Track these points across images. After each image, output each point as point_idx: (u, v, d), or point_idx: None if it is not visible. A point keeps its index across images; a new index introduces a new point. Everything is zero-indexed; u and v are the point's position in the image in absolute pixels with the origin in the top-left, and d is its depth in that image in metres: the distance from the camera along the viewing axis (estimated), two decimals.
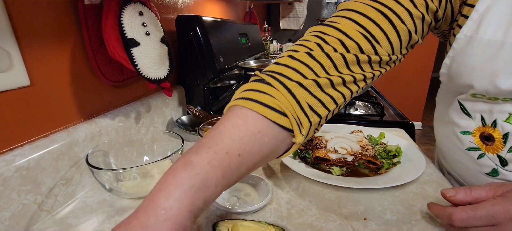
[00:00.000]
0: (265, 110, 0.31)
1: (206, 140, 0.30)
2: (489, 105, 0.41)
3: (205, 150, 0.28)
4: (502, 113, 0.40)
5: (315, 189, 0.51)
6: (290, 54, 0.36)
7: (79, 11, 0.52)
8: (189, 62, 0.86)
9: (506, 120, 0.40)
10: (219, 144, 0.29)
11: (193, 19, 0.82)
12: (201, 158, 0.28)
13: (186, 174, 0.27)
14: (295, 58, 0.35)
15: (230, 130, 0.30)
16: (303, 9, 2.29)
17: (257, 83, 0.34)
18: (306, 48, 0.36)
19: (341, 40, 0.36)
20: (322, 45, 0.35)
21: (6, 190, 0.39)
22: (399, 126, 0.80)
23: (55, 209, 0.47)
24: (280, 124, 0.31)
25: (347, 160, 0.56)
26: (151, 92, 0.78)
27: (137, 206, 0.26)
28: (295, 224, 0.43)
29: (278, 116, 0.31)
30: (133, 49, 0.54)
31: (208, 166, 0.27)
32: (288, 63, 0.35)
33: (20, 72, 0.43)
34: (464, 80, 0.41)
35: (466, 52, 0.39)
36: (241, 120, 0.31)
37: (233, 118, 0.31)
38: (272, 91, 0.32)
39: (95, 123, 0.55)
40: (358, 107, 0.95)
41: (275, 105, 0.31)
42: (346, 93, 0.36)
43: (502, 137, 0.41)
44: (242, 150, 0.29)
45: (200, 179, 0.27)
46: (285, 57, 0.36)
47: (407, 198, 0.48)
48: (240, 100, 0.32)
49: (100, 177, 0.46)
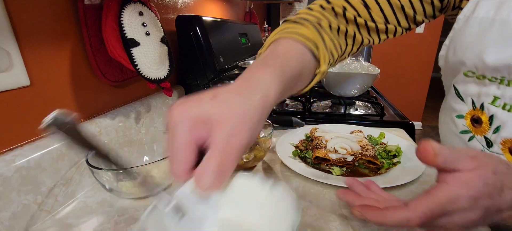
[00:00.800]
0: (305, 40, 0.38)
1: (266, 60, 0.34)
2: (478, 88, 0.44)
3: (270, 63, 0.33)
4: (487, 96, 0.43)
5: (315, 189, 0.51)
6: (307, 11, 0.45)
7: (79, 11, 0.52)
8: (189, 62, 0.86)
9: (491, 103, 0.42)
10: (278, 62, 0.34)
11: (193, 19, 0.82)
12: (273, 66, 0.32)
13: (268, 69, 0.31)
14: (313, 10, 0.45)
15: (283, 54, 0.36)
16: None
17: (293, 24, 0.42)
18: (320, 7, 0.46)
19: (344, 7, 0.46)
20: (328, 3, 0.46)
21: (6, 190, 0.39)
22: (399, 126, 0.80)
23: (55, 209, 0.47)
24: (314, 53, 0.39)
25: (347, 160, 0.56)
26: (151, 92, 0.78)
27: (137, 206, 0.26)
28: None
29: (313, 46, 0.38)
30: (133, 49, 0.54)
31: (278, 71, 0.31)
32: (310, 13, 0.44)
33: (20, 72, 0.43)
34: (458, 58, 0.44)
35: (463, 32, 0.43)
36: (286, 47, 0.37)
37: (280, 46, 0.38)
38: (305, 30, 0.40)
39: (95, 123, 0.55)
40: (358, 107, 0.95)
41: (309, 38, 0.39)
42: (349, 45, 0.47)
43: (489, 119, 0.43)
44: (290, 71, 0.34)
45: (277, 77, 0.31)
46: (304, 11, 0.45)
47: (407, 198, 0.48)
48: (285, 33, 0.39)
49: (100, 177, 0.46)
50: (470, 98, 0.45)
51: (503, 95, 0.41)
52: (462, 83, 0.46)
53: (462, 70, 0.44)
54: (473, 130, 0.46)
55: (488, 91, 0.43)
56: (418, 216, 0.28)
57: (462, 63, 0.43)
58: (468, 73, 0.44)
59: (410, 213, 0.28)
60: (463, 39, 0.43)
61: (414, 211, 0.28)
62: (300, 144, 0.68)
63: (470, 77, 0.44)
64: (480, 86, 0.43)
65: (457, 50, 0.44)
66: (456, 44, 0.44)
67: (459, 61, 0.44)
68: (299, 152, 0.63)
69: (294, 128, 0.80)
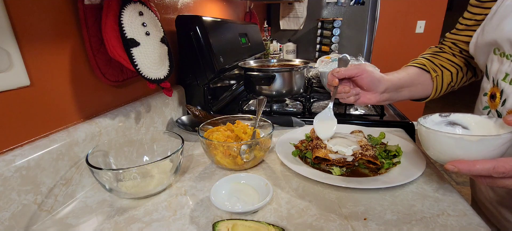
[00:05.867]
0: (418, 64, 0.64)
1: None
2: (498, 65, 0.50)
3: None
4: (501, 73, 0.49)
5: (315, 189, 0.51)
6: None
7: (79, 11, 0.52)
8: (189, 62, 0.86)
9: (503, 79, 0.49)
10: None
11: (193, 19, 0.82)
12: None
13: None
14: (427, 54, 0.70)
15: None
16: (303, 9, 2.28)
17: (419, 58, 0.68)
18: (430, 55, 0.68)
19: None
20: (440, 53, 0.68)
21: (6, 190, 0.39)
22: (399, 126, 0.80)
23: (55, 209, 0.47)
24: (423, 68, 0.64)
25: (347, 160, 0.56)
26: (151, 92, 0.78)
27: (137, 206, 0.26)
28: (295, 224, 0.43)
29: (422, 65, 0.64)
30: (133, 49, 0.54)
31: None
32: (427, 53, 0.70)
33: (20, 72, 0.43)
34: (485, 39, 0.51)
35: (492, 17, 0.50)
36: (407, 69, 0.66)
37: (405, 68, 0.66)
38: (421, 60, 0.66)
39: (95, 123, 0.55)
40: (358, 107, 0.95)
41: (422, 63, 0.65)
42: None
43: (500, 94, 0.50)
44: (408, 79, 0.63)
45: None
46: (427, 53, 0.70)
47: (407, 198, 0.48)
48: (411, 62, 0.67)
49: (100, 177, 0.46)
50: (492, 76, 0.52)
51: (511, 71, 0.47)
52: (489, 62, 0.53)
53: (491, 50, 0.51)
54: (490, 105, 0.53)
55: (502, 68, 0.49)
56: (503, 165, 0.36)
57: (489, 43, 0.50)
58: (495, 51, 0.51)
59: (497, 163, 0.36)
60: (493, 22, 0.50)
61: (500, 161, 0.36)
62: (300, 144, 0.68)
63: (496, 54, 0.50)
64: (499, 64, 0.49)
65: (485, 33, 0.51)
66: (485, 28, 0.52)
67: (487, 42, 0.51)
68: (299, 152, 0.63)
69: (294, 127, 0.80)
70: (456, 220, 0.42)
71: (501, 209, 0.58)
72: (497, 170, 0.36)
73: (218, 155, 0.57)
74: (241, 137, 0.62)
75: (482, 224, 0.41)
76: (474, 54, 0.57)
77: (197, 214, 0.45)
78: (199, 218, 0.44)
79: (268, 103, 0.93)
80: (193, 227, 0.42)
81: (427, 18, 2.89)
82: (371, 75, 0.57)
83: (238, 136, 0.63)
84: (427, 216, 0.43)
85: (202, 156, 0.66)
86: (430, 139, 0.43)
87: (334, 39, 2.13)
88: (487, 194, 0.62)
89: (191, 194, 0.51)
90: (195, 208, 0.47)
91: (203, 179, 0.56)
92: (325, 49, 2.18)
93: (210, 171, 0.59)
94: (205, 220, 0.44)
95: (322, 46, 2.20)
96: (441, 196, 0.48)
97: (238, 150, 0.57)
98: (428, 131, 0.43)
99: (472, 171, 0.38)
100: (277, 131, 0.79)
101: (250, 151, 0.58)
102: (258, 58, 1.53)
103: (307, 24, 2.33)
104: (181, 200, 0.49)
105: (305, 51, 2.39)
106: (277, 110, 0.95)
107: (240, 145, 0.57)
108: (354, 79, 0.59)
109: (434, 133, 0.42)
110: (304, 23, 2.33)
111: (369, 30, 2.24)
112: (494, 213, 0.61)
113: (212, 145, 0.57)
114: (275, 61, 1.11)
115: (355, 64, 0.58)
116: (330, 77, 0.59)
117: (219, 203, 0.44)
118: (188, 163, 0.63)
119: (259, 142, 0.59)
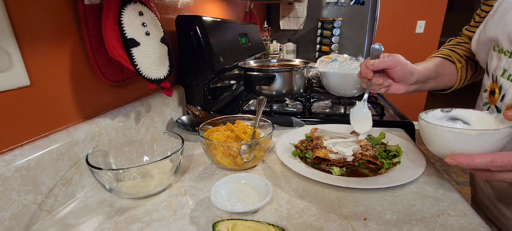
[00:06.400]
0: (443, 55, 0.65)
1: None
2: (497, 62, 0.51)
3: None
4: (500, 69, 0.50)
5: (315, 189, 0.51)
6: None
7: (79, 11, 0.52)
8: (189, 62, 0.86)
9: (502, 75, 0.50)
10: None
11: (193, 19, 0.82)
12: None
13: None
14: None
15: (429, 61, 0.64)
16: (303, 9, 2.28)
17: (443, 49, 0.68)
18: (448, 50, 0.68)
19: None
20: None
21: (6, 190, 0.39)
22: (399, 126, 0.80)
23: (55, 209, 0.47)
24: (448, 59, 0.65)
25: (347, 160, 0.56)
26: (151, 92, 0.78)
27: (137, 206, 0.26)
28: (295, 224, 0.43)
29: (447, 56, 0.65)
30: (133, 49, 0.54)
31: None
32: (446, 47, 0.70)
33: (20, 72, 0.43)
34: (487, 35, 0.52)
35: (494, 16, 0.51)
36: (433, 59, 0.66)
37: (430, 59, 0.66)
38: (446, 51, 0.67)
39: (95, 123, 0.55)
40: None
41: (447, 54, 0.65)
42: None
43: (499, 90, 0.51)
44: (435, 70, 0.63)
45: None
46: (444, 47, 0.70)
47: (407, 198, 0.48)
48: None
49: (100, 177, 0.46)
50: (491, 73, 0.53)
51: (509, 67, 0.48)
52: (490, 58, 0.53)
53: (491, 47, 0.52)
54: (490, 101, 0.53)
55: (500, 64, 0.50)
56: (501, 159, 0.37)
57: (491, 40, 0.51)
58: (494, 47, 0.51)
59: (495, 157, 0.37)
60: (494, 19, 0.50)
61: (498, 155, 0.37)
62: (300, 144, 0.68)
63: (495, 51, 0.51)
64: (498, 61, 0.50)
65: (487, 29, 0.52)
66: (487, 24, 0.52)
67: (488, 38, 0.52)
68: (299, 152, 0.63)
69: (294, 127, 0.80)
70: (456, 220, 0.42)
71: (500, 205, 0.58)
72: (495, 164, 0.37)
73: (218, 155, 0.57)
74: (241, 137, 0.62)
75: (482, 224, 0.41)
76: (476, 51, 0.58)
77: (197, 214, 0.45)
78: (199, 218, 0.44)
79: (268, 103, 0.93)
80: (193, 227, 0.42)
81: (427, 18, 2.89)
82: (405, 68, 0.57)
83: (238, 136, 0.63)
84: (427, 216, 0.43)
85: (202, 156, 0.66)
86: (431, 133, 0.44)
87: (334, 39, 2.13)
88: (485, 190, 0.62)
89: (191, 194, 0.51)
90: (195, 208, 0.47)
91: (203, 179, 0.56)
92: (325, 49, 2.18)
93: (210, 171, 0.59)
94: (205, 220, 0.44)
95: (322, 46, 2.20)
96: (441, 196, 0.48)
97: (238, 150, 0.57)
98: (428, 125, 0.44)
99: (470, 165, 0.39)
100: (277, 131, 0.79)
101: (250, 151, 0.58)
102: (258, 58, 1.53)
103: (307, 24, 2.33)
104: (181, 200, 0.49)
105: (305, 51, 2.39)
106: (277, 110, 0.95)
107: (240, 145, 0.57)
108: (386, 71, 0.58)
109: (434, 127, 0.43)
110: (304, 23, 2.33)
111: (369, 30, 2.24)
112: (493, 211, 0.61)
113: (212, 145, 0.57)
114: (275, 61, 1.11)
115: (389, 56, 0.58)
116: (364, 69, 0.57)
117: (219, 203, 0.44)
118: (188, 163, 0.63)
119: (259, 142, 0.59)
